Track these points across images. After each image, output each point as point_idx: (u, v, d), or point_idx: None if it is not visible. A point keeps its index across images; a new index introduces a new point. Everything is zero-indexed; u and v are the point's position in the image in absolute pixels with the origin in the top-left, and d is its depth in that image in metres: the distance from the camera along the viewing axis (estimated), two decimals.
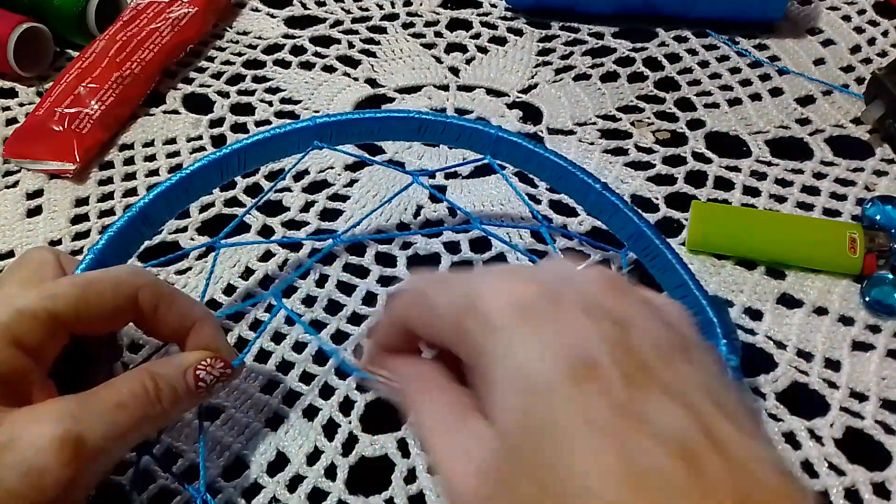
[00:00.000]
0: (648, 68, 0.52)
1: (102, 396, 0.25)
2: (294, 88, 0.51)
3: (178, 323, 0.28)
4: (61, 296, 0.25)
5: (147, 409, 0.25)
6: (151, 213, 0.32)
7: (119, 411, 0.24)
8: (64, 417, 0.23)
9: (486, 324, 0.19)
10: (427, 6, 0.57)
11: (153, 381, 0.26)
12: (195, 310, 0.28)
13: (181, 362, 0.27)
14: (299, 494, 0.31)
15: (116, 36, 0.50)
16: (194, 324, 0.28)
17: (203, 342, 0.28)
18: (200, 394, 0.27)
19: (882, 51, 0.53)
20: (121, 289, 0.26)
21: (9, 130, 0.47)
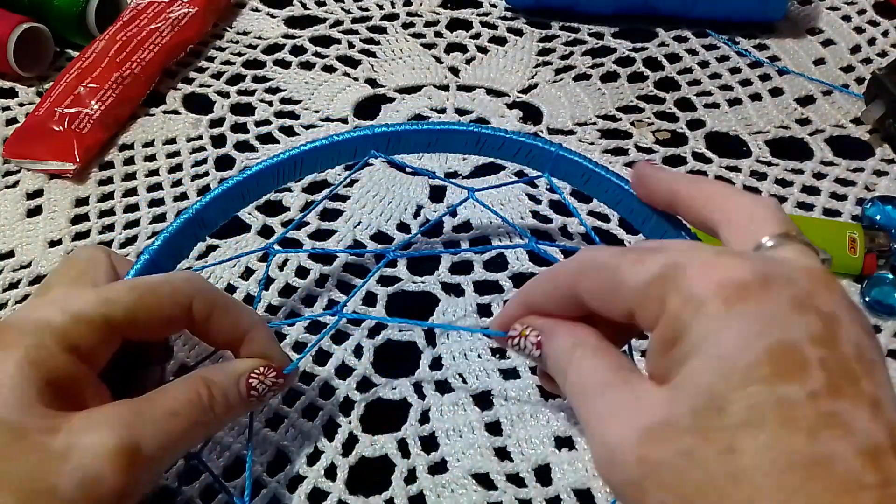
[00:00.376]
0: (648, 68, 0.52)
1: (157, 403, 0.24)
2: (294, 88, 0.51)
3: (231, 331, 0.27)
4: (119, 302, 0.25)
5: (200, 417, 0.25)
6: (207, 217, 0.32)
7: (173, 419, 0.24)
8: (120, 425, 0.23)
9: (691, 301, 0.20)
10: (427, 6, 0.57)
11: (207, 388, 0.26)
12: (248, 318, 0.28)
13: (234, 370, 0.27)
14: (299, 494, 0.31)
15: (116, 36, 0.50)
16: (247, 332, 0.28)
17: (257, 350, 0.28)
18: (252, 402, 0.27)
19: (882, 51, 0.53)
20: (177, 296, 0.26)
21: (9, 130, 0.47)
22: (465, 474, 0.31)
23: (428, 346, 0.36)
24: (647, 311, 0.21)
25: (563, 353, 0.24)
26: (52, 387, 0.23)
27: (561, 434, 0.33)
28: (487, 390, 0.34)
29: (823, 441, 0.17)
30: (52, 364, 0.23)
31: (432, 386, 0.34)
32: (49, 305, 0.25)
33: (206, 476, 0.31)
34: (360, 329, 0.36)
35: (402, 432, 0.33)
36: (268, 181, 0.33)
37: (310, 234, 0.41)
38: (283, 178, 0.34)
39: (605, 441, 0.20)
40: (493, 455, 0.32)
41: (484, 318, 0.37)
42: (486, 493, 0.31)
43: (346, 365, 0.35)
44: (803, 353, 0.18)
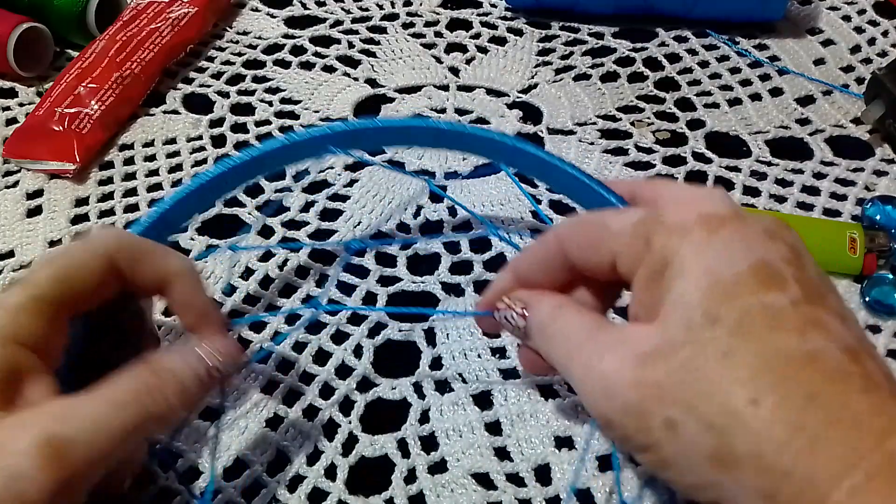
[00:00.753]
0: (648, 68, 0.52)
1: (97, 396, 0.23)
2: (294, 88, 0.51)
3: (154, 276, 0.26)
4: (39, 277, 0.24)
5: (148, 406, 0.24)
6: (171, 218, 0.31)
7: (113, 410, 0.23)
8: (49, 421, 0.22)
9: (675, 231, 0.22)
10: (427, 6, 0.57)
11: (155, 375, 0.24)
12: (170, 263, 0.27)
13: (188, 351, 0.26)
14: (299, 494, 0.31)
15: (116, 36, 0.50)
16: (171, 278, 0.27)
17: (180, 298, 0.27)
18: (212, 383, 0.26)
19: (882, 51, 0.53)
20: (94, 252, 0.25)
21: (9, 130, 0.47)
22: (465, 474, 0.31)
23: (428, 346, 0.36)
24: (631, 252, 0.23)
25: (547, 317, 0.25)
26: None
27: (561, 434, 0.33)
28: (487, 390, 0.34)
29: (811, 339, 0.19)
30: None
31: (432, 386, 0.34)
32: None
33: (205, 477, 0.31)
34: (360, 329, 0.36)
35: (402, 432, 0.33)
36: (232, 180, 0.33)
37: (310, 234, 0.41)
38: (244, 177, 0.33)
39: (600, 375, 0.22)
40: (493, 455, 0.32)
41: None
42: (486, 493, 0.31)
43: (346, 365, 0.35)
44: (780, 270, 0.21)
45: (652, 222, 0.23)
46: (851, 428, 0.18)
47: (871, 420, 0.18)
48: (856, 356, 0.20)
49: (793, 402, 0.19)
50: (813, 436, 0.18)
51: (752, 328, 0.20)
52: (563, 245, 0.26)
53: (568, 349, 0.24)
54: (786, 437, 0.18)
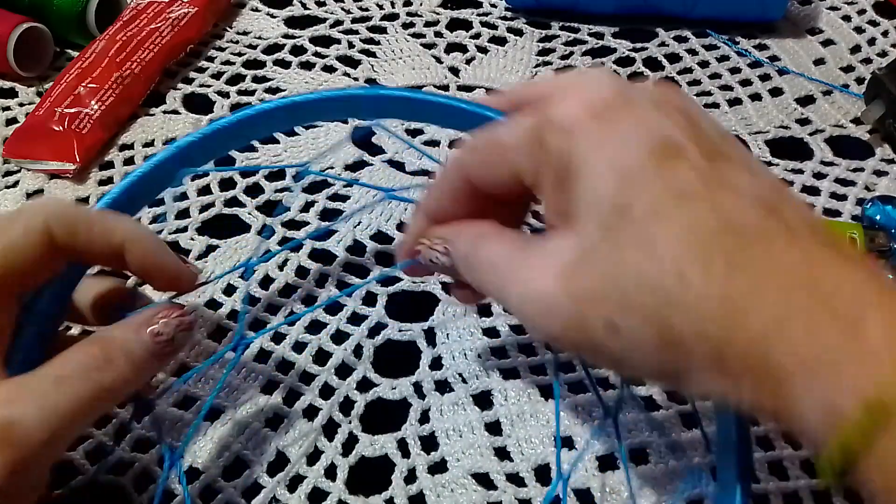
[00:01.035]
0: (648, 68, 0.52)
1: (42, 373, 0.23)
2: (294, 88, 0.51)
3: (104, 244, 0.25)
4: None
5: (98, 378, 0.23)
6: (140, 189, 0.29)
7: (60, 386, 0.23)
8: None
9: (566, 129, 0.21)
10: (427, 6, 0.57)
11: (100, 346, 0.24)
12: (119, 227, 0.25)
13: (132, 321, 0.25)
14: (299, 494, 0.31)
15: (116, 36, 0.50)
16: (122, 242, 0.25)
17: (139, 258, 0.25)
18: (164, 349, 0.25)
19: (882, 51, 0.53)
20: (31, 224, 0.24)
21: (9, 130, 0.47)
22: (465, 474, 0.31)
23: (428, 346, 0.36)
24: (532, 161, 0.22)
25: (469, 248, 0.25)
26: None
27: (561, 434, 0.33)
28: (487, 390, 0.34)
29: (722, 204, 0.19)
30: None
31: (432, 386, 0.34)
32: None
33: None
34: (360, 329, 0.36)
35: (402, 432, 0.33)
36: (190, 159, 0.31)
37: (310, 234, 0.41)
38: (195, 161, 0.31)
39: (533, 296, 0.21)
40: (493, 455, 0.32)
41: (484, 317, 0.37)
42: (486, 493, 0.31)
43: (346, 365, 0.35)
44: (677, 141, 0.20)
45: (542, 125, 0.22)
46: (780, 286, 0.18)
47: (798, 271, 0.18)
48: (771, 208, 0.19)
49: (718, 272, 0.18)
50: (744, 300, 0.18)
51: (665, 208, 0.19)
52: (465, 172, 0.25)
53: (497, 276, 0.23)
54: (717, 307, 0.18)
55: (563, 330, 0.21)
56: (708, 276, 0.18)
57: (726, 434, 0.25)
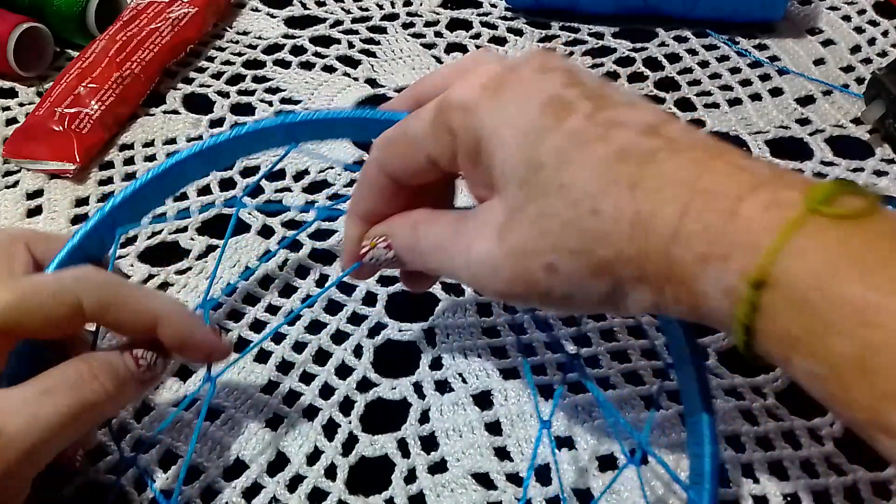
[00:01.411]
0: (648, 68, 0.52)
1: (26, 386, 0.24)
2: (294, 88, 0.51)
3: (135, 322, 0.26)
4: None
5: (82, 394, 0.24)
6: (119, 217, 0.30)
7: (45, 398, 0.23)
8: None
9: (467, 108, 0.23)
10: (427, 6, 0.57)
11: (87, 363, 0.25)
12: (153, 307, 0.26)
13: (118, 345, 0.26)
14: (299, 494, 0.31)
15: (116, 36, 0.50)
16: (157, 319, 0.26)
17: (173, 335, 0.27)
18: (144, 374, 0.26)
19: (882, 51, 0.53)
20: (62, 296, 0.25)
21: (9, 130, 0.47)
22: (465, 474, 0.31)
23: (428, 346, 0.36)
24: (443, 145, 0.24)
25: (409, 238, 0.27)
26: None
27: (561, 434, 0.33)
28: (487, 390, 0.34)
29: (614, 138, 0.21)
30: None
31: (432, 386, 0.34)
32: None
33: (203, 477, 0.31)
34: (360, 329, 0.36)
35: (402, 432, 0.33)
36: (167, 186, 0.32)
37: (310, 234, 0.41)
38: (178, 184, 0.33)
39: (478, 262, 0.24)
40: (493, 455, 0.32)
41: (484, 317, 0.37)
42: (486, 493, 0.31)
43: (346, 365, 0.35)
44: (564, 96, 0.23)
45: (445, 112, 0.24)
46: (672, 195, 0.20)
47: (684, 178, 0.20)
48: (655, 131, 0.22)
49: (623, 195, 0.21)
50: (647, 215, 0.20)
51: (569, 155, 0.22)
52: (384, 170, 0.27)
53: (442, 255, 0.25)
54: (629, 228, 0.21)
55: (510, 285, 0.23)
56: (615, 204, 0.21)
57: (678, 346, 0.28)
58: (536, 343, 0.36)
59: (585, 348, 0.36)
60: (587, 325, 0.36)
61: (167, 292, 0.38)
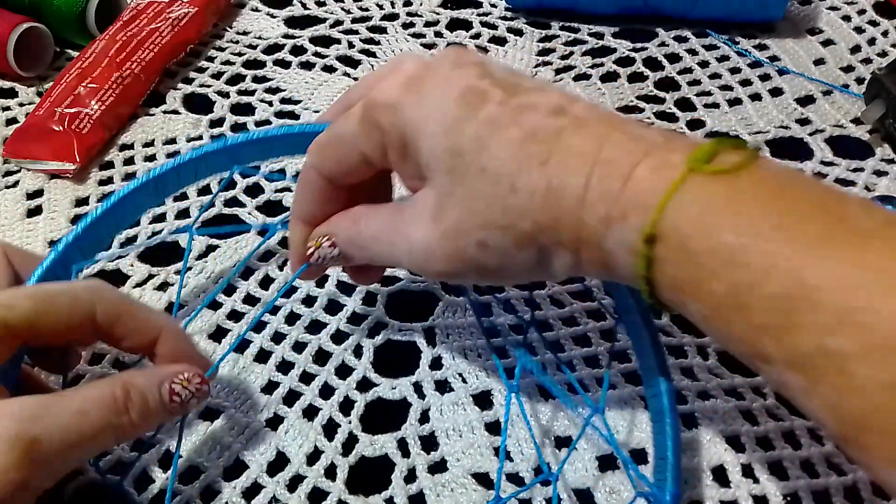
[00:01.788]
0: (648, 68, 0.52)
1: (66, 400, 0.24)
2: (294, 88, 0.51)
3: (140, 336, 0.27)
4: (17, 308, 0.25)
5: (112, 419, 0.25)
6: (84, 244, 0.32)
7: (80, 417, 0.24)
8: (21, 418, 0.23)
9: (391, 106, 0.25)
10: (427, 6, 0.57)
11: (124, 390, 0.25)
12: (157, 322, 0.28)
13: (157, 373, 0.27)
14: (299, 494, 0.31)
15: (116, 36, 0.50)
16: (157, 336, 0.27)
17: (171, 355, 0.28)
18: (174, 408, 0.27)
19: (882, 51, 0.53)
20: (77, 305, 0.26)
21: (9, 130, 0.47)
22: (464, 474, 0.31)
23: (428, 346, 0.36)
24: (373, 145, 0.26)
25: (352, 234, 0.28)
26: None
27: (561, 434, 0.33)
28: (487, 390, 0.34)
29: (525, 121, 0.23)
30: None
31: (432, 386, 0.34)
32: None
33: (205, 476, 0.31)
34: (360, 329, 0.36)
35: (402, 432, 0.33)
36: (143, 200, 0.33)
37: None
38: (161, 192, 0.34)
39: (418, 248, 0.26)
40: (493, 455, 0.32)
41: (483, 317, 0.37)
42: (486, 493, 0.31)
43: (346, 365, 0.35)
44: (479, 87, 0.24)
45: (371, 110, 0.26)
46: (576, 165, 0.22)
47: (586, 149, 0.22)
48: (561, 111, 0.24)
49: (535, 172, 0.23)
50: (556, 186, 0.23)
51: (486, 141, 0.24)
52: (320, 173, 0.28)
53: (383, 244, 0.27)
54: (543, 201, 0.23)
55: (448, 265, 0.25)
56: (529, 180, 0.23)
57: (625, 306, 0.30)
58: (537, 342, 0.36)
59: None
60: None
61: (167, 292, 0.38)
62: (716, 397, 0.34)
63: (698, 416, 0.33)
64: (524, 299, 0.38)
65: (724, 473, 0.31)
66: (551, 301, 0.38)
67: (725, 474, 0.31)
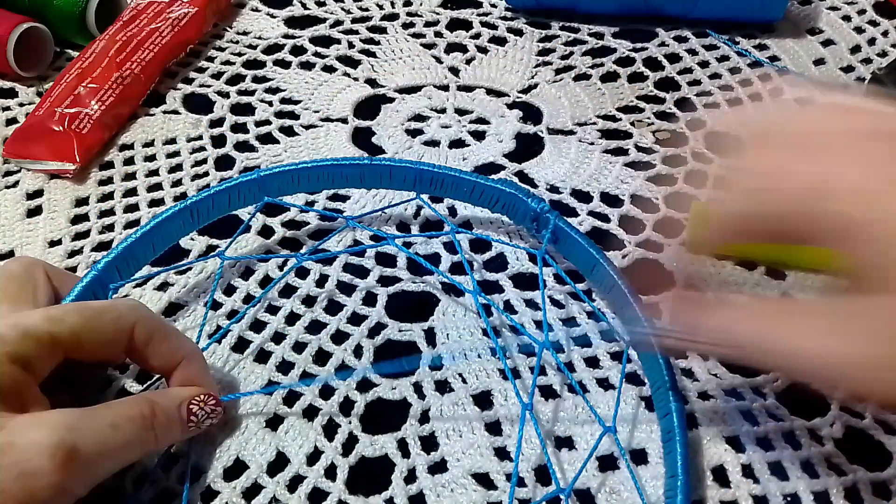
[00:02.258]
0: (648, 68, 0.52)
1: (100, 415, 0.26)
2: (294, 88, 0.51)
3: (167, 357, 0.29)
4: (65, 322, 0.26)
5: (139, 434, 0.27)
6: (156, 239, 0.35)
7: (113, 431, 0.26)
8: (61, 427, 0.24)
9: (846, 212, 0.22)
10: (427, 6, 0.57)
11: (151, 408, 0.27)
12: (185, 346, 0.30)
13: (178, 395, 0.29)
14: (299, 495, 0.31)
15: (116, 36, 0.50)
16: (182, 359, 0.29)
17: (189, 378, 0.30)
18: (190, 428, 0.29)
19: (882, 51, 0.53)
20: (120, 322, 0.28)
21: (9, 130, 0.47)
22: (465, 474, 0.31)
23: (428, 346, 0.36)
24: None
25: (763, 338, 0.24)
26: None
27: (561, 434, 0.33)
28: (487, 390, 0.34)
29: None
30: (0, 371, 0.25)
31: (432, 386, 0.34)
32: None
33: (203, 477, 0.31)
34: (360, 329, 0.36)
35: (402, 432, 0.33)
36: (179, 226, 0.36)
37: (310, 234, 0.41)
38: (197, 220, 0.36)
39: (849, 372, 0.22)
40: (493, 455, 0.32)
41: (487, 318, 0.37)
42: (486, 493, 0.31)
43: (346, 365, 0.35)
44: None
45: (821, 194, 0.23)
46: None
47: None
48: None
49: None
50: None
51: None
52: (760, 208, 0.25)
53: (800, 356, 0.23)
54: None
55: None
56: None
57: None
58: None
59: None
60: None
61: (167, 292, 0.38)
62: (716, 397, 0.34)
63: (698, 416, 0.33)
64: (524, 299, 0.38)
65: (724, 473, 0.31)
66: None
67: (725, 474, 0.31)
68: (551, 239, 0.36)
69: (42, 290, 0.29)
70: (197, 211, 0.36)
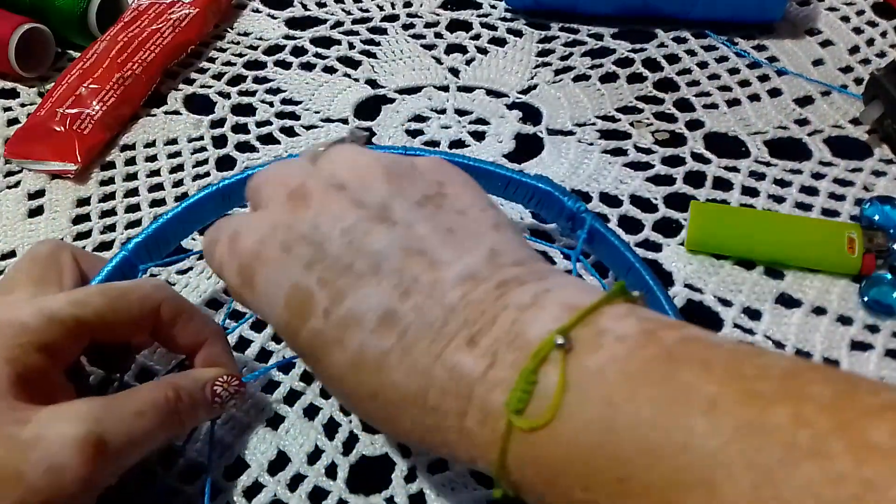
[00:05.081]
0: (647, 69, 0.52)
1: (125, 402, 0.26)
2: (295, 89, 0.51)
3: (192, 337, 0.29)
4: (90, 305, 0.26)
5: (165, 419, 0.26)
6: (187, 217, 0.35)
7: (139, 418, 0.25)
8: (88, 419, 0.24)
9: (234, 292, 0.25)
10: (427, 7, 0.58)
11: (175, 392, 0.27)
12: (209, 326, 0.30)
13: (200, 376, 0.29)
14: (300, 494, 0.31)
15: (118, 37, 0.50)
16: (206, 339, 0.29)
17: (213, 359, 0.30)
18: (214, 408, 0.29)
19: (881, 51, 0.53)
20: (146, 302, 0.28)
21: (10, 131, 0.47)
22: (464, 473, 0.31)
23: None
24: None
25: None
26: (23, 381, 0.24)
27: None
28: None
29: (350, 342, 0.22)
30: (25, 361, 0.25)
31: None
32: (23, 306, 0.26)
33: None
34: None
35: None
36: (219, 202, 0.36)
37: None
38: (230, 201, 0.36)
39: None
40: None
41: None
42: (486, 492, 0.31)
43: None
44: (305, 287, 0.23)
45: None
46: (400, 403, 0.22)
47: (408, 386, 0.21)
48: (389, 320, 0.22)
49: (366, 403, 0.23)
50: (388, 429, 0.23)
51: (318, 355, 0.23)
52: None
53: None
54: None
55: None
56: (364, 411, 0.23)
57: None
58: None
59: None
60: None
61: None
62: None
63: None
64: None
65: None
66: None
67: None
68: (586, 239, 0.35)
69: (68, 273, 0.29)
70: (229, 194, 0.35)
